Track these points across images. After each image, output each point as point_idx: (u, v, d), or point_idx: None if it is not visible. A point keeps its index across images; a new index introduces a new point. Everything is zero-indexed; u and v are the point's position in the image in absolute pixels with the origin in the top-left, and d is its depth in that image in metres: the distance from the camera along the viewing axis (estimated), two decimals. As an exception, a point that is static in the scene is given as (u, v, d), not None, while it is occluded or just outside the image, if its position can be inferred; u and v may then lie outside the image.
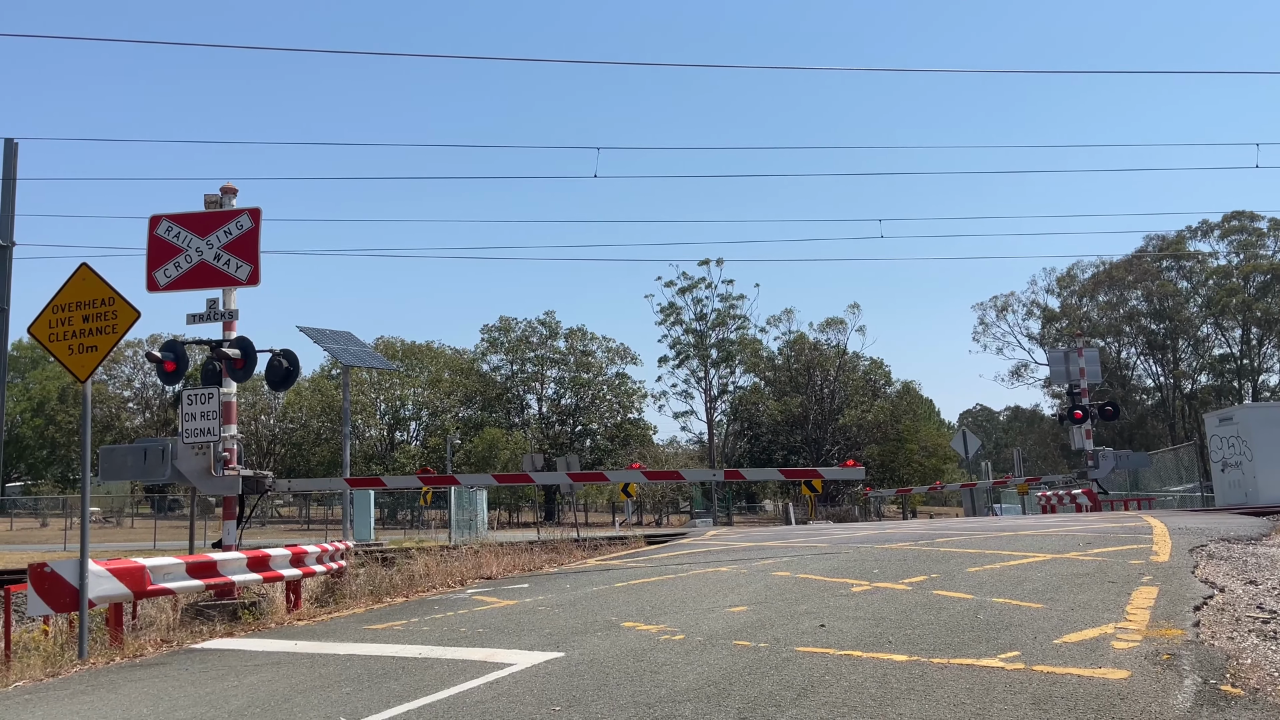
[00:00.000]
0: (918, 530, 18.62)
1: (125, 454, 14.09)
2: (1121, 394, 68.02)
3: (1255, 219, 70.36)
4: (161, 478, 13.70)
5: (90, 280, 10.18)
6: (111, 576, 10.28)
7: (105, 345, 10.10)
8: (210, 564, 11.73)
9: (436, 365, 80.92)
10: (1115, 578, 9.49)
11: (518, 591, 12.29)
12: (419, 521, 56.83)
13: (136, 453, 13.90)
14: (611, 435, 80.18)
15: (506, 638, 8.48)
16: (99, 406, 72.60)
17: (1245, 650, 6.20)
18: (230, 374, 13.82)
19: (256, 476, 14.21)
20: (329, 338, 26.64)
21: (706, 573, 12.65)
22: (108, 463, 14.23)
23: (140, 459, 13.78)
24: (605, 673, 6.62)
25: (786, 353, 77.58)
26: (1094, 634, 6.80)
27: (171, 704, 6.86)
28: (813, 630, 7.67)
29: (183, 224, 13.80)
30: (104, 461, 14.23)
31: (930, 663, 6.23)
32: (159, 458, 13.60)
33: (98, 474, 14.51)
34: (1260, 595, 8.40)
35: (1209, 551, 11.48)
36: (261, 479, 14.31)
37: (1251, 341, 69.91)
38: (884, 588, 9.87)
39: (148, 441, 14.21)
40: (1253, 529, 14.67)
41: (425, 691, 6.46)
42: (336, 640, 9.25)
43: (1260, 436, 25.27)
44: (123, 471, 14.24)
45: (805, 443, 73.95)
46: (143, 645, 9.91)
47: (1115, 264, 72.75)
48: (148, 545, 37.55)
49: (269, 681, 7.37)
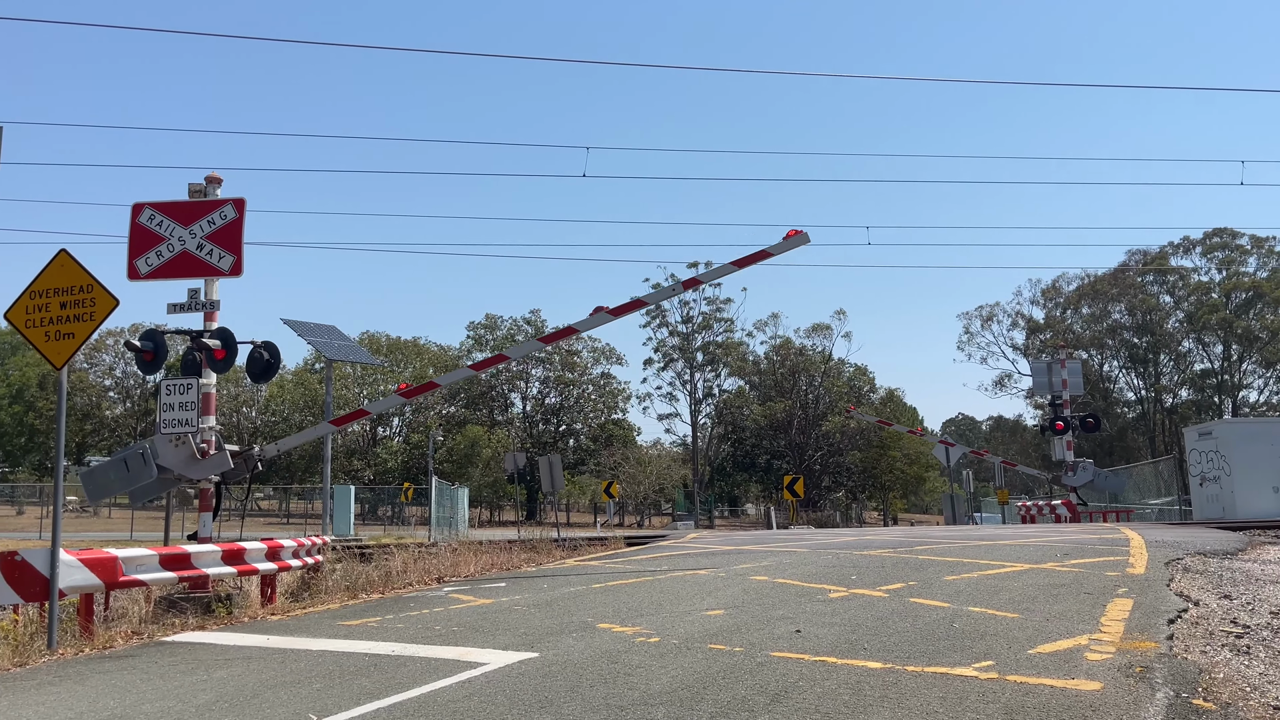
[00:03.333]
0: (897, 537, 18.65)
1: (106, 470, 13.76)
2: (1103, 406, 68.43)
3: (1236, 235, 70.96)
4: (149, 480, 13.45)
5: (69, 267, 10.08)
6: (83, 567, 10.17)
7: (83, 333, 9.99)
8: (184, 556, 11.62)
9: (421, 361, 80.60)
10: (1091, 589, 9.51)
11: (495, 590, 12.23)
12: (399, 517, 56.63)
13: (117, 465, 13.65)
14: (595, 436, 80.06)
15: (481, 637, 8.43)
16: (80, 395, 72.02)
17: (1218, 665, 6.21)
18: (210, 365, 13.71)
19: (244, 452, 13.98)
20: (313, 331, 26.50)
21: (684, 575, 12.62)
22: (91, 484, 13.82)
23: (122, 470, 13.52)
24: (579, 674, 6.58)
25: (772, 357, 77.67)
26: (1068, 645, 6.80)
27: (138, 697, 6.77)
28: (788, 635, 7.65)
29: (166, 212, 13.69)
30: (88, 484, 13.85)
31: (904, 670, 6.22)
32: (141, 462, 13.40)
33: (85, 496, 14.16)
34: (1235, 610, 8.44)
35: (1185, 565, 11.53)
36: (250, 453, 14.04)
37: (1232, 357, 70.43)
38: (861, 594, 9.86)
39: (124, 451, 13.98)
40: (1229, 543, 14.75)
41: (397, 689, 6.40)
42: (310, 635, 9.18)
43: (1238, 452, 25.45)
44: (109, 488, 13.75)
45: (789, 447, 74.04)
46: (113, 637, 9.81)
47: (1099, 277, 73.23)
48: (124, 535, 37.27)
49: (239, 676, 7.29)
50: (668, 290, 14.81)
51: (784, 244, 14.49)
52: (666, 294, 15.00)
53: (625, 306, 14.48)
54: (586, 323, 14.60)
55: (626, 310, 14.52)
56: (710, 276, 14.88)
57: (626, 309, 14.49)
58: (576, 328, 14.93)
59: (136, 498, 14.48)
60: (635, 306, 14.64)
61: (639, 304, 14.59)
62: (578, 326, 14.93)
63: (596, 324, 14.62)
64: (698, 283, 14.50)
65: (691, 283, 15.04)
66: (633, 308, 14.68)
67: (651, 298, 14.39)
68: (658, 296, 14.38)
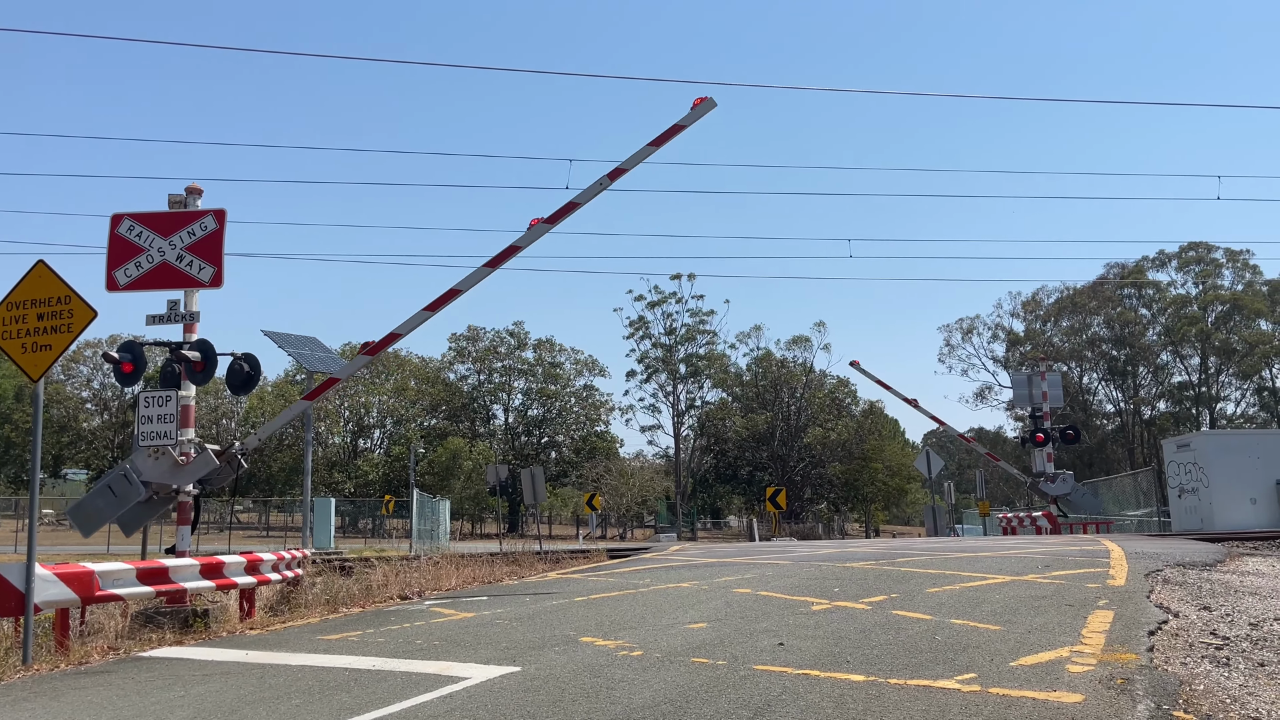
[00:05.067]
0: (880, 549, 18.69)
1: (94, 500, 13.53)
2: (1083, 418, 68.93)
3: (1211, 249, 71.80)
4: (138, 498, 13.26)
5: (47, 278, 9.98)
6: (59, 581, 10.04)
7: (60, 344, 9.89)
8: (162, 570, 11.50)
9: (403, 373, 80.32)
10: (1072, 601, 9.55)
11: (477, 604, 12.16)
12: (380, 530, 56.30)
13: (102, 492, 13.45)
14: (577, 448, 79.92)
15: (463, 651, 8.37)
16: (57, 407, 71.30)
17: (1198, 676, 6.24)
18: (190, 377, 13.60)
19: (227, 451, 13.69)
20: (294, 342, 26.40)
21: (667, 588, 12.59)
22: (81, 517, 13.56)
23: (109, 495, 13.32)
24: (561, 688, 6.54)
25: (754, 369, 77.84)
26: (1050, 657, 6.82)
27: (115, 713, 6.69)
28: (771, 648, 7.64)
29: (145, 223, 13.60)
30: (77, 519, 13.60)
31: (887, 683, 6.22)
32: (125, 483, 13.23)
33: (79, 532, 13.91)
34: (1214, 621, 8.49)
35: (1165, 577, 11.59)
36: (232, 452, 13.72)
37: (1210, 370, 71.12)
38: (844, 607, 9.87)
39: (106, 477, 13.78)
40: (1208, 555, 14.85)
41: (377, 704, 6.34)
42: (289, 650, 9.09)
43: (1217, 464, 25.67)
44: (100, 516, 13.47)
45: (771, 459, 74.14)
46: (89, 652, 9.69)
47: (1079, 290, 73.87)
48: (101, 549, 36.87)
49: (217, 692, 7.21)
50: (595, 186, 15.28)
51: (693, 114, 15.35)
52: (594, 190, 15.46)
53: (559, 212, 15.34)
54: (526, 237, 15.24)
55: (560, 216, 15.30)
56: (633, 162, 15.35)
57: (560, 215, 15.32)
58: (518, 244, 15.25)
59: (128, 529, 14.24)
60: (569, 209, 15.45)
61: (572, 206, 15.51)
62: (519, 243, 15.27)
63: (535, 237, 15.26)
64: (622, 171, 15.25)
65: (617, 172, 15.52)
66: (567, 211, 15.38)
67: (581, 197, 15.25)
68: (587, 195, 15.15)
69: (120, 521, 13.83)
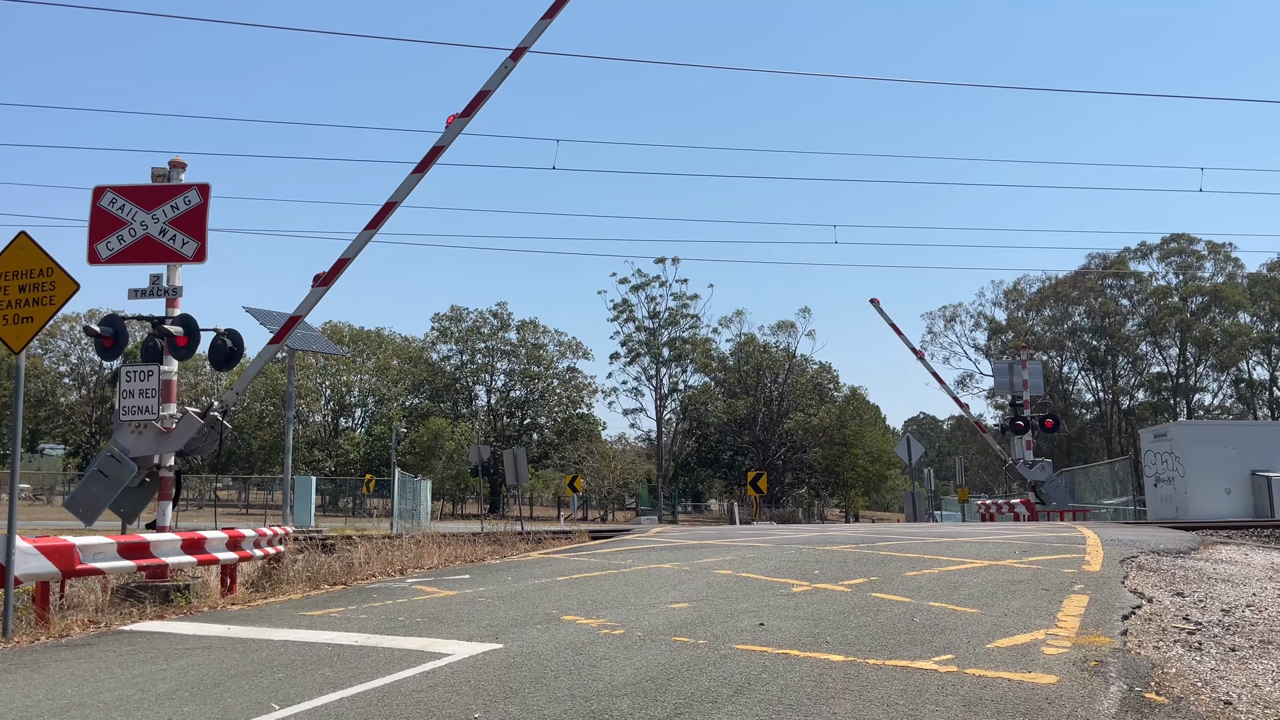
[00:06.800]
0: (859, 533, 18.84)
1: (88, 487, 13.36)
2: (1062, 407, 69.42)
3: (1193, 241, 72.30)
4: (130, 475, 13.18)
5: (29, 250, 9.90)
6: (39, 554, 10.01)
7: (42, 317, 9.83)
8: (143, 545, 11.47)
9: (385, 352, 79.96)
10: (1048, 585, 9.68)
11: (459, 582, 12.21)
12: (361, 510, 56.22)
13: (95, 478, 13.32)
14: (560, 430, 79.92)
15: (445, 628, 8.41)
16: (34, 380, 70.65)
17: (1170, 660, 6.36)
18: (172, 352, 13.52)
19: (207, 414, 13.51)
20: (276, 319, 26.13)
21: (649, 569, 12.66)
22: (79, 506, 13.38)
23: (101, 479, 13.18)
24: (543, 665, 6.60)
25: (737, 354, 77.97)
26: (1025, 639, 6.93)
27: (97, 685, 6.70)
28: (752, 629, 7.72)
29: (128, 196, 13.48)
30: (76, 508, 13.41)
31: (866, 663, 6.30)
32: (115, 463, 13.13)
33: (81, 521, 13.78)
34: (1187, 607, 8.63)
35: (1139, 563, 11.76)
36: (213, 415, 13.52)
37: (1188, 360, 71.75)
38: (824, 589, 9.96)
39: (97, 461, 13.66)
40: (1182, 543, 15.06)
41: (360, 679, 6.38)
42: (271, 625, 9.11)
43: (1192, 454, 25.98)
44: (98, 502, 13.28)
45: (753, 444, 74.38)
46: (69, 625, 9.67)
47: (1060, 279, 74.24)
48: (80, 524, 36.58)
49: (199, 665, 7.22)
50: (501, 70, 15.66)
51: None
52: (500, 75, 15.86)
53: (472, 103, 15.56)
54: (446, 135, 15.42)
55: (474, 107, 15.50)
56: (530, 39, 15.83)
57: (473, 106, 15.53)
58: (440, 144, 15.49)
59: (128, 517, 14.16)
60: (481, 99, 15.62)
61: (484, 94, 15.64)
62: (441, 143, 15.51)
63: (454, 134, 15.46)
64: (523, 51, 15.61)
65: (518, 53, 15.86)
66: (479, 100, 15.60)
67: (490, 84, 15.86)
68: (494, 81, 15.56)
69: (120, 511, 13.79)
